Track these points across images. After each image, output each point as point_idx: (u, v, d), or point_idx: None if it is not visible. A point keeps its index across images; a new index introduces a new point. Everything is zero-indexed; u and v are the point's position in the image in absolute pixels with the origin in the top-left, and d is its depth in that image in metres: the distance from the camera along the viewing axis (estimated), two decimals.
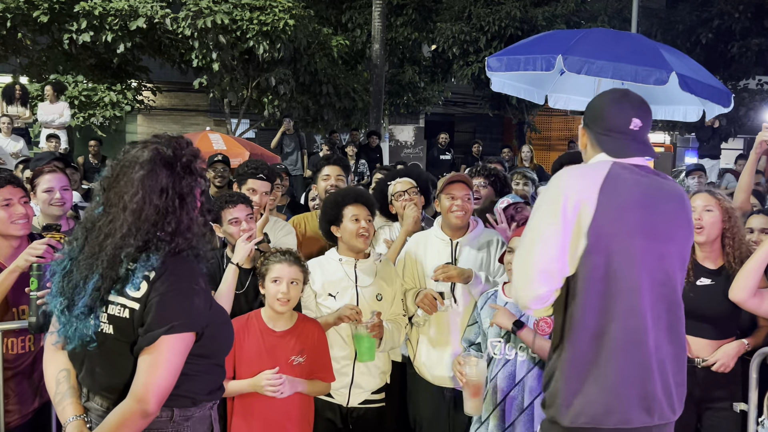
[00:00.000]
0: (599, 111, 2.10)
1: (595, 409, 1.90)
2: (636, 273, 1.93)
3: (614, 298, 1.91)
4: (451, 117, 20.22)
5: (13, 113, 9.66)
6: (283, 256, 2.75)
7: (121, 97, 12.14)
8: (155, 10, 11.22)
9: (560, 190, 1.95)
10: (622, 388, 1.90)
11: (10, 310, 2.67)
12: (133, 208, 1.75)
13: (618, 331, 1.91)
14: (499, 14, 13.80)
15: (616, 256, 1.91)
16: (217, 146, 9.03)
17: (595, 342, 1.91)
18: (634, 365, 1.92)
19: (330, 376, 2.86)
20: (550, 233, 1.92)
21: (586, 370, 1.91)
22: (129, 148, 1.84)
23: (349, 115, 13.57)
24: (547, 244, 1.92)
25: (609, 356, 1.90)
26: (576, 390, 1.91)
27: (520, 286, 1.97)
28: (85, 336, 1.77)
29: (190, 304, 1.74)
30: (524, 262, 1.96)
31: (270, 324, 2.75)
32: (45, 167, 3.56)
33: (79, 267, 1.80)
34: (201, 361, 1.84)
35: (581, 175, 2.00)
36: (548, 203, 1.96)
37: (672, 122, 14.56)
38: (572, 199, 1.92)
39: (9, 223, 2.65)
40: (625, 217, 1.93)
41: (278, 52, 11.24)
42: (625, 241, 1.92)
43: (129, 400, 1.70)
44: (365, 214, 3.05)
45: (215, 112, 15.84)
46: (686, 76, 4.79)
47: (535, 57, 5.04)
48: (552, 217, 1.92)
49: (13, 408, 2.68)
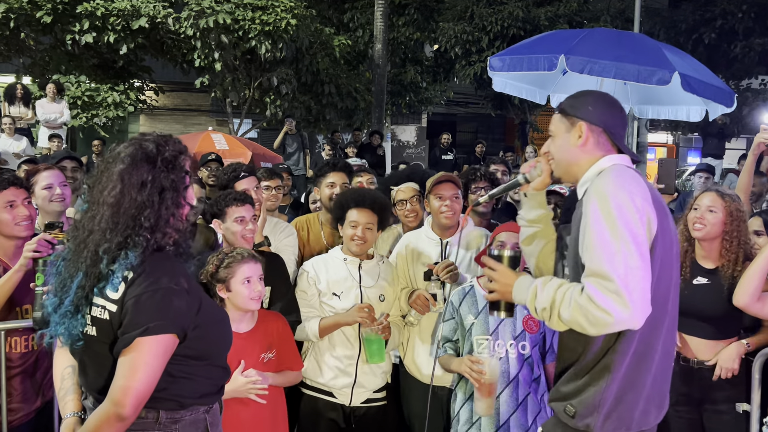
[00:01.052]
0: (610, 110, 2.04)
1: (631, 415, 1.94)
2: (673, 282, 1.97)
3: (658, 308, 1.88)
4: (453, 117, 20.23)
5: (15, 113, 9.68)
6: (244, 254, 2.66)
7: (123, 97, 12.18)
8: (157, 9, 11.24)
9: (627, 195, 1.82)
10: (651, 391, 1.96)
11: (14, 309, 2.68)
12: (111, 201, 1.73)
13: (657, 338, 1.94)
14: (501, 14, 13.80)
15: (666, 264, 1.91)
16: (220, 146, 9.03)
17: (639, 352, 1.92)
18: (661, 369, 1.98)
19: (298, 363, 2.87)
20: (643, 243, 1.80)
21: (627, 379, 1.92)
22: (115, 146, 1.83)
23: (351, 115, 13.59)
24: (646, 257, 1.80)
25: (645, 364, 1.93)
26: (617, 398, 1.92)
27: (634, 305, 1.75)
28: (73, 335, 1.77)
29: (167, 305, 1.70)
30: (632, 278, 1.76)
31: (234, 327, 2.58)
32: (41, 165, 3.57)
33: (67, 266, 1.80)
34: (191, 363, 1.80)
35: (633, 179, 1.88)
36: (624, 210, 1.80)
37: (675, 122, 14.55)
38: (641, 206, 1.83)
39: (13, 225, 2.66)
40: (669, 226, 1.93)
41: (280, 51, 11.26)
42: (670, 249, 1.93)
43: (106, 402, 1.67)
44: (365, 220, 3.02)
45: (217, 112, 15.86)
46: (689, 76, 4.78)
47: (537, 57, 5.03)
48: (637, 226, 1.80)
49: (17, 406, 2.69)
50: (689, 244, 2.96)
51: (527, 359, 2.77)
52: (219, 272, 2.62)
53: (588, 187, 1.95)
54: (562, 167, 2.08)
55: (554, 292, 1.86)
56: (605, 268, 1.77)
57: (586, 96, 2.07)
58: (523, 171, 2.20)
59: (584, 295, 1.79)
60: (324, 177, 3.91)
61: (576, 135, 2.01)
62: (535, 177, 2.16)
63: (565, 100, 2.10)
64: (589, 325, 1.78)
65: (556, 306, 1.85)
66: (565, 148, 2.04)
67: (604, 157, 1.99)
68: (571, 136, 2.02)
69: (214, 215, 3.04)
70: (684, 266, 2.91)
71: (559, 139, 2.07)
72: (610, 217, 1.80)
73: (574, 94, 2.11)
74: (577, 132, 2.01)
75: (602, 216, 1.82)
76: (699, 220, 2.86)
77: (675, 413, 2.91)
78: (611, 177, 1.88)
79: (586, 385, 1.95)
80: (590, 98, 2.05)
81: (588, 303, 1.77)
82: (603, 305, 1.74)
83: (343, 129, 13.74)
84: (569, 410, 1.98)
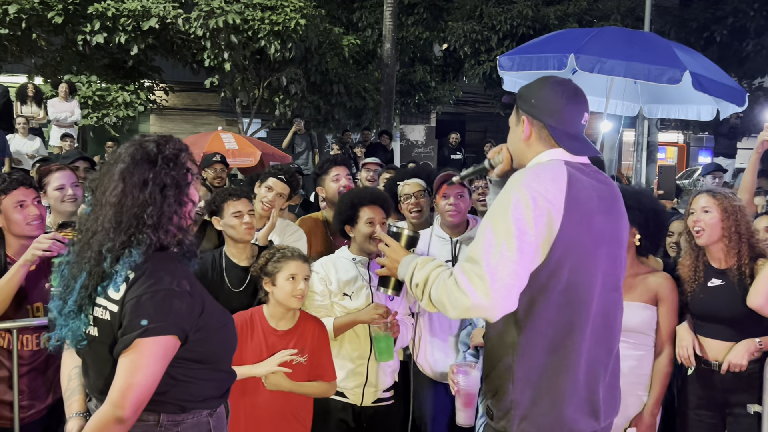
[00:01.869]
0: (554, 103, 1.95)
1: (549, 420, 1.85)
2: (594, 282, 1.87)
3: (573, 310, 1.83)
4: (462, 116, 20.19)
5: (27, 113, 9.76)
6: (293, 252, 2.74)
7: (134, 97, 12.25)
8: (167, 10, 11.30)
9: (528, 193, 1.77)
10: (574, 397, 1.86)
11: (25, 308, 2.70)
12: (113, 201, 1.73)
13: (574, 342, 1.84)
14: (510, 13, 13.78)
15: (579, 268, 1.83)
16: (229, 146, 9.07)
17: (550, 354, 1.84)
18: (585, 374, 1.88)
19: (332, 375, 2.84)
20: (527, 242, 1.75)
21: (540, 382, 1.84)
22: (116, 147, 1.84)
23: (360, 115, 13.60)
24: (525, 256, 1.75)
25: (563, 368, 1.84)
26: (531, 401, 1.84)
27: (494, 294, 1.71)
28: (76, 335, 1.76)
29: (167, 307, 1.68)
30: (501, 270, 1.72)
31: (273, 323, 2.73)
32: (53, 165, 3.60)
33: (71, 268, 1.80)
34: (193, 366, 1.78)
35: (549, 178, 1.82)
36: (520, 207, 1.76)
37: (685, 121, 14.45)
38: (542, 206, 1.77)
39: (24, 225, 2.67)
40: (590, 227, 1.84)
41: (289, 51, 11.28)
42: (590, 251, 1.85)
43: (106, 404, 1.65)
44: (380, 217, 3.04)
45: (227, 112, 15.92)
46: (700, 75, 4.76)
47: (547, 56, 5.03)
48: (528, 225, 1.75)
49: (27, 403, 2.71)
50: (697, 247, 2.93)
51: None
52: (268, 266, 2.70)
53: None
54: (516, 158, 2.07)
55: (430, 272, 1.87)
56: (479, 254, 1.76)
57: (535, 88, 2.00)
58: (489, 156, 2.22)
59: (452, 277, 1.79)
60: (326, 173, 3.92)
61: (521, 129, 1.99)
62: (497, 163, 2.16)
63: (520, 89, 2.07)
64: (450, 305, 1.78)
65: (428, 285, 1.85)
66: (514, 141, 2.05)
67: (544, 152, 1.95)
68: (518, 130, 2.01)
69: (213, 213, 3.07)
70: (696, 270, 2.90)
71: (511, 132, 2.06)
72: (505, 211, 1.78)
73: (525, 87, 2.05)
74: (521, 126, 1.99)
75: (498, 209, 1.82)
76: (696, 223, 2.85)
77: (696, 417, 2.90)
78: (525, 175, 1.85)
79: (497, 386, 1.91)
80: (537, 91, 1.98)
81: (453, 284, 1.77)
82: (464, 287, 1.74)
83: (352, 128, 13.75)
84: (489, 411, 1.95)
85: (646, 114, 6.19)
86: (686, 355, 2.82)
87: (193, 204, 1.86)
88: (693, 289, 2.89)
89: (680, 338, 2.86)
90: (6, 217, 2.66)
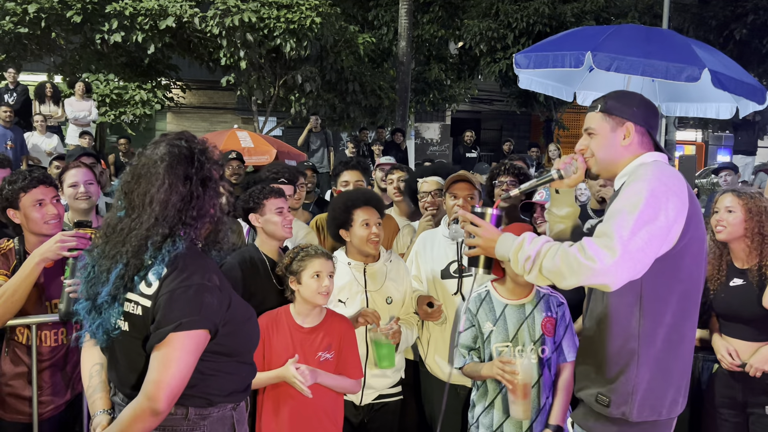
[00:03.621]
0: (652, 112, 2.13)
1: (661, 402, 2.00)
2: (702, 275, 2.06)
3: (688, 299, 2.01)
4: (478, 114, 20.13)
5: (45, 112, 9.88)
6: (317, 250, 2.76)
7: (150, 95, 12.35)
8: (184, 9, 11.38)
9: (660, 183, 1.89)
10: (681, 381, 2.04)
11: (44, 304, 2.73)
12: (161, 198, 1.77)
13: (687, 329, 2.03)
14: (527, 11, 13.68)
15: (696, 260, 2.00)
16: (245, 144, 9.12)
17: (667, 340, 1.99)
18: (688, 359, 2.08)
19: (358, 372, 2.84)
20: (660, 227, 1.84)
21: (657, 367, 1.99)
22: (143, 151, 1.87)
23: (375, 113, 13.59)
24: (655, 238, 1.83)
25: (677, 353, 2.02)
26: (648, 386, 1.98)
27: (622, 264, 1.77)
28: (108, 326, 1.79)
29: (199, 301, 1.72)
30: (632, 244, 1.78)
31: (299, 320, 2.75)
32: (70, 163, 3.65)
33: (101, 266, 1.83)
34: (220, 359, 1.83)
35: (672, 173, 1.97)
36: (654, 194, 1.86)
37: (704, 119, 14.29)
38: (673, 196, 1.89)
39: (42, 224, 2.70)
40: (700, 222, 2.01)
41: (305, 49, 11.31)
42: (702, 245, 2.02)
43: (140, 397, 1.70)
44: (375, 218, 3.02)
45: (243, 110, 15.99)
46: (719, 73, 4.70)
47: (563, 54, 4.99)
48: (661, 212, 1.85)
49: (47, 399, 2.74)
50: (722, 246, 2.94)
51: (547, 363, 2.72)
52: (293, 264, 2.74)
53: (627, 179, 2.01)
54: (603, 164, 2.13)
55: (542, 244, 1.90)
56: (612, 229, 1.81)
57: (628, 98, 2.14)
58: (558, 167, 2.22)
59: (576, 246, 1.83)
60: (338, 176, 3.93)
61: (622, 135, 2.09)
62: (570, 174, 2.19)
63: (607, 101, 2.14)
64: (569, 272, 1.79)
65: (541, 255, 1.87)
66: (610, 147, 2.10)
67: (645, 154, 2.08)
68: (617, 136, 2.09)
69: (249, 210, 3.06)
70: (720, 269, 2.91)
71: (602, 138, 2.11)
72: (640, 196, 1.85)
73: (614, 95, 2.16)
74: (624, 132, 2.08)
75: (633, 194, 1.88)
76: (719, 222, 2.89)
77: (720, 416, 2.90)
78: (653, 169, 1.96)
79: (615, 373, 2.01)
80: (633, 100, 2.13)
81: (577, 251, 1.80)
82: (591, 252, 1.77)
83: (367, 127, 13.76)
84: (602, 399, 2.03)
85: (664, 112, 6.12)
86: (728, 363, 2.85)
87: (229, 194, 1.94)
88: (716, 288, 2.89)
89: (717, 349, 2.91)
90: (25, 215, 2.69)
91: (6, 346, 2.75)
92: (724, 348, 2.86)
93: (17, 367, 2.72)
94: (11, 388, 2.72)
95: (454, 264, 3.16)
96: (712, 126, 16.80)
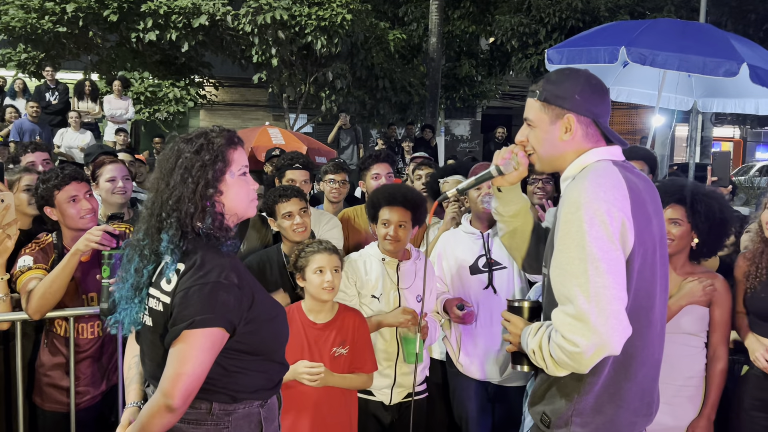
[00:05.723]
0: (597, 96, 1.82)
1: (608, 427, 1.80)
2: (655, 287, 1.80)
3: (637, 317, 1.74)
4: (509, 111, 19.96)
5: (83, 109, 10.10)
6: (320, 245, 2.74)
7: (184, 92, 12.54)
8: (217, 7, 11.51)
9: (600, 207, 1.66)
10: (638, 402, 1.82)
11: (80, 297, 2.80)
12: (173, 183, 1.78)
13: (636, 349, 1.78)
14: (559, 5, 13.51)
15: (644, 275, 1.75)
16: (276, 141, 9.20)
17: (617, 366, 1.78)
18: (647, 379, 1.85)
19: (372, 365, 2.84)
20: (615, 259, 1.64)
21: (604, 391, 1.78)
22: (173, 142, 1.89)
23: (405, 110, 13.59)
24: (619, 275, 1.64)
25: (626, 375, 1.79)
26: (593, 410, 1.79)
27: (602, 328, 1.61)
28: (132, 319, 1.83)
29: (214, 300, 1.71)
30: (600, 299, 1.62)
31: (311, 316, 2.75)
32: (106, 158, 3.72)
33: (130, 254, 1.87)
34: (244, 357, 1.81)
35: (611, 185, 1.71)
36: (595, 225, 1.65)
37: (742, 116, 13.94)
38: (617, 218, 1.66)
39: (78, 219, 2.76)
40: (650, 231, 1.76)
41: (336, 47, 11.36)
42: (651, 256, 1.76)
43: (157, 394, 1.70)
44: (398, 218, 2.98)
45: (274, 107, 16.14)
46: (758, 67, 4.59)
47: (597, 49, 4.92)
48: (610, 242, 1.65)
49: (84, 389, 2.81)
50: (765, 245, 2.85)
51: None
52: (298, 261, 2.73)
53: (567, 186, 1.80)
54: (545, 161, 1.89)
55: (541, 335, 1.75)
56: (570, 291, 1.65)
57: (570, 81, 1.83)
58: (497, 162, 1.96)
59: (555, 333, 1.68)
60: (368, 170, 3.92)
61: (563, 128, 1.82)
62: (511, 169, 1.94)
63: (544, 85, 1.86)
64: (573, 362, 1.66)
65: (544, 350, 1.73)
66: (550, 142, 1.85)
67: (590, 151, 1.82)
68: (557, 129, 1.83)
69: (269, 214, 3.09)
70: (759, 267, 2.81)
71: (541, 132, 1.86)
72: (580, 232, 1.66)
73: (553, 78, 1.87)
74: (565, 125, 1.82)
75: (572, 231, 1.68)
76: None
77: (750, 419, 2.81)
78: (588, 182, 1.71)
79: (558, 394, 1.83)
80: (575, 84, 1.82)
81: (561, 340, 1.66)
82: (570, 337, 1.63)
83: (397, 123, 13.76)
84: (545, 419, 1.86)
85: (700, 108, 6.00)
86: (765, 364, 2.75)
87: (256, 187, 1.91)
88: (754, 286, 2.81)
89: (752, 350, 2.80)
90: (61, 211, 2.75)
91: (45, 338, 2.83)
92: (762, 348, 2.78)
93: (55, 358, 2.80)
94: (50, 378, 2.80)
95: (482, 258, 3.15)
96: (751, 122, 16.37)
